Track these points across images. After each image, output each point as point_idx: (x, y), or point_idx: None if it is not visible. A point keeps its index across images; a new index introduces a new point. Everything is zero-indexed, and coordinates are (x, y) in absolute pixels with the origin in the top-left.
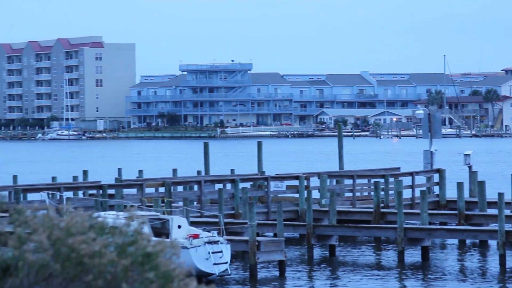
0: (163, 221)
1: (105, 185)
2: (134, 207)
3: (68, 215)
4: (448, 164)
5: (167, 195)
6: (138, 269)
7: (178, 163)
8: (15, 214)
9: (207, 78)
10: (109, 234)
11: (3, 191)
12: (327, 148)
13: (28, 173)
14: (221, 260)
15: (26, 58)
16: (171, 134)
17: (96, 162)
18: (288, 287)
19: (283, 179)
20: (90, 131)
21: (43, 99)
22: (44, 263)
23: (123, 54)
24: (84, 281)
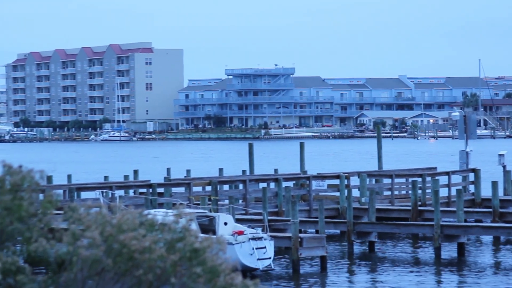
0: (210, 218)
1: (155, 184)
2: (182, 205)
3: (120, 212)
4: (483, 164)
5: (214, 194)
6: (186, 264)
7: (224, 163)
8: (70, 212)
9: (252, 81)
10: (158, 231)
11: (58, 190)
12: (367, 149)
13: (81, 172)
14: (265, 255)
15: (80, 63)
16: (217, 135)
17: (146, 162)
18: (329, 281)
19: (324, 178)
20: (140, 132)
21: (96, 102)
22: (96, 258)
23: (171, 59)
24: (135, 276)
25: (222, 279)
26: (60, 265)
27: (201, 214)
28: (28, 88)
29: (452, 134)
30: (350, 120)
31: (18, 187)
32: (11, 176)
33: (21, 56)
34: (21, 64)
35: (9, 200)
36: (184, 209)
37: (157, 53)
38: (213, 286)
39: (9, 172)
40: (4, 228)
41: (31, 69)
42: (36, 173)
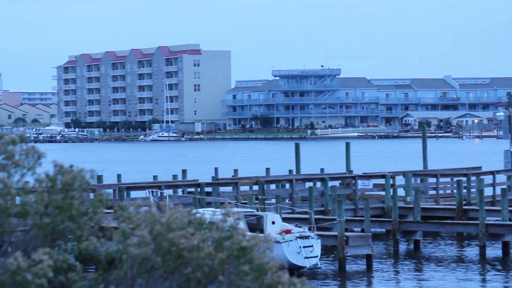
0: (258, 217)
1: (203, 183)
2: (230, 204)
3: (169, 211)
4: None
5: (261, 193)
6: (234, 262)
7: (271, 162)
8: (119, 211)
9: (298, 82)
10: (206, 229)
11: (108, 189)
12: (412, 149)
13: (131, 172)
14: (312, 254)
15: (129, 65)
16: (264, 135)
17: (194, 162)
18: (375, 279)
19: (370, 178)
20: (189, 132)
21: (145, 103)
22: (146, 256)
23: (219, 60)
24: (183, 273)
25: (269, 277)
26: (110, 263)
27: (249, 213)
28: (79, 90)
29: (497, 134)
30: (395, 120)
31: (69, 186)
32: (62, 176)
33: (72, 58)
34: (72, 66)
35: (60, 199)
36: (232, 208)
37: (205, 54)
38: (260, 284)
39: (60, 171)
40: (56, 227)
41: (81, 71)
42: (86, 172)
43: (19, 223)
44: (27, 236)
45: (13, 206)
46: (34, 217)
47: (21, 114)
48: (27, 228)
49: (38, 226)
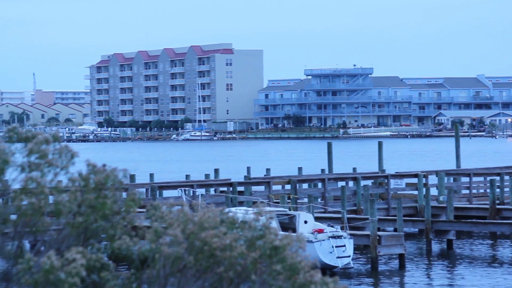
0: (290, 217)
1: (235, 182)
2: (263, 203)
3: (201, 210)
4: None
5: (293, 192)
6: (266, 262)
7: (303, 162)
8: (152, 210)
9: (331, 81)
10: (239, 229)
11: (140, 188)
12: (445, 148)
13: (163, 171)
14: (344, 253)
15: (162, 64)
16: (296, 135)
17: (226, 161)
18: (408, 279)
19: (402, 177)
20: (221, 132)
21: (177, 102)
22: (178, 255)
23: (251, 59)
24: (216, 273)
25: (302, 276)
26: (143, 262)
27: (281, 213)
28: (112, 89)
29: None
30: (428, 119)
31: (102, 185)
32: (95, 175)
33: (105, 57)
34: (105, 65)
35: (93, 198)
36: (264, 207)
37: (237, 54)
38: (293, 283)
39: (93, 171)
40: (89, 226)
41: (114, 70)
42: (119, 172)
43: (53, 222)
44: (60, 235)
45: (47, 205)
46: (67, 216)
47: (54, 114)
48: (60, 227)
49: (71, 225)
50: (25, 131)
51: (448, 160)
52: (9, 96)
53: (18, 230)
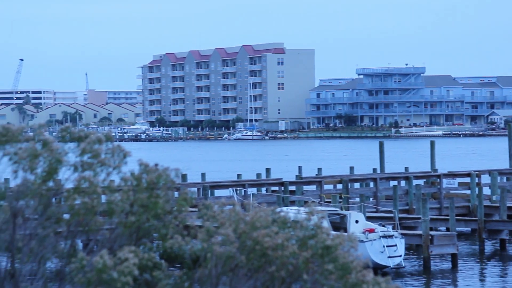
0: (341, 216)
1: (287, 182)
2: (314, 203)
3: (253, 210)
4: None
5: (345, 192)
6: (318, 261)
7: (355, 161)
8: (204, 209)
9: (382, 81)
10: (290, 228)
11: (192, 188)
12: (498, 147)
13: (215, 171)
14: (396, 253)
15: (214, 64)
16: (348, 134)
17: (278, 161)
18: (460, 279)
19: (455, 176)
20: (272, 131)
21: (229, 102)
22: (230, 254)
23: (303, 59)
24: (268, 272)
25: (354, 276)
26: (195, 261)
27: (332, 212)
28: (164, 89)
29: None
30: (481, 118)
31: (154, 185)
32: (147, 174)
33: (157, 57)
34: (157, 65)
35: (145, 198)
36: (316, 206)
37: (289, 53)
38: (345, 283)
39: (145, 170)
40: (141, 225)
41: (166, 70)
42: (171, 171)
43: (105, 221)
44: (112, 234)
45: (99, 204)
46: (120, 216)
47: (106, 113)
48: (113, 227)
49: (123, 224)
50: (78, 131)
51: (501, 159)
52: (62, 96)
53: (71, 229)
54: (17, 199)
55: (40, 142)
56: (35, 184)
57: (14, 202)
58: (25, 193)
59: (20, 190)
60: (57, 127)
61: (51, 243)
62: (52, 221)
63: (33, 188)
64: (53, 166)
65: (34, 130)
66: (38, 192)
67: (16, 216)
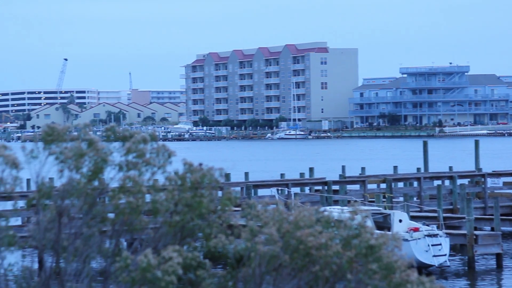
0: (385, 215)
1: (330, 181)
2: (358, 202)
3: (296, 209)
4: None
5: (388, 191)
6: (362, 261)
7: (399, 160)
8: (248, 209)
9: (426, 80)
10: (334, 228)
11: (235, 187)
12: None
13: (258, 170)
14: (440, 252)
15: (257, 63)
16: (391, 133)
17: (321, 160)
18: (505, 279)
19: (499, 176)
20: (316, 130)
21: (272, 101)
22: (274, 254)
23: (346, 58)
24: (312, 272)
25: (398, 275)
26: (238, 260)
27: (376, 211)
28: (207, 88)
29: None
30: None
31: (198, 184)
32: (191, 174)
33: (200, 56)
34: (200, 64)
35: (190, 197)
36: (359, 206)
37: (332, 52)
38: (389, 282)
39: (189, 170)
40: (185, 225)
41: (209, 70)
42: (215, 170)
43: (150, 221)
44: (157, 233)
45: (144, 204)
46: (165, 215)
47: (150, 113)
48: (157, 226)
49: (168, 224)
50: (123, 130)
51: None
52: (105, 96)
53: (116, 229)
54: (62, 198)
55: (85, 141)
56: (80, 183)
57: (60, 201)
58: (70, 192)
59: (65, 189)
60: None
61: (96, 242)
62: (97, 220)
63: (78, 188)
64: (99, 165)
65: (78, 130)
66: (84, 192)
67: (62, 215)
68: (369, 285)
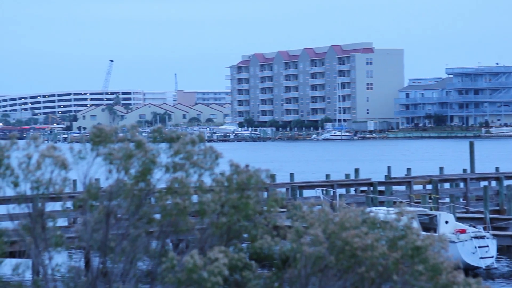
0: (430, 217)
1: (376, 182)
2: (403, 203)
3: (342, 210)
4: None
5: (434, 192)
6: (408, 262)
7: (445, 161)
8: (293, 210)
9: (473, 80)
10: (380, 229)
11: (281, 188)
12: None
13: (303, 171)
14: (487, 254)
15: (302, 64)
16: (437, 134)
17: (366, 161)
18: None
19: None
20: (361, 131)
21: (317, 102)
22: (320, 255)
23: (392, 59)
24: (357, 273)
25: (444, 277)
26: (284, 261)
27: (422, 213)
28: (252, 89)
29: None
30: None
31: (245, 186)
32: (238, 175)
33: (245, 57)
34: (245, 65)
35: (236, 199)
36: (405, 207)
37: (377, 53)
38: (435, 284)
39: (236, 171)
40: (232, 226)
41: (255, 70)
42: (262, 172)
43: (196, 222)
44: (203, 235)
45: (191, 205)
46: (211, 216)
47: (195, 114)
48: (203, 227)
49: (214, 225)
50: (170, 132)
51: None
52: (151, 97)
53: (162, 230)
54: (110, 199)
55: (133, 142)
56: (127, 184)
57: (107, 202)
58: (118, 193)
59: (113, 190)
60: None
61: (143, 243)
62: (144, 221)
63: (125, 189)
64: (147, 166)
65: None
66: (131, 193)
67: (109, 216)
68: (415, 286)
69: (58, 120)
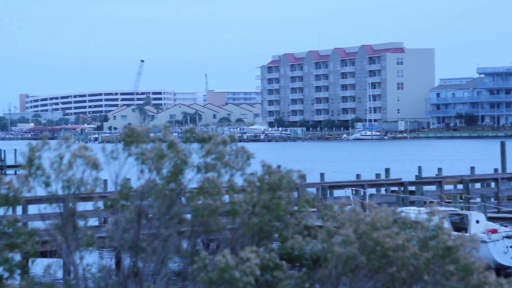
0: (461, 217)
1: (406, 182)
2: (434, 203)
3: (373, 210)
4: None
5: (465, 192)
6: (439, 262)
7: (476, 161)
8: (324, 209)
9: (504, 80)
10: (411, 229)
11: (311, 188)
12: None
13: (334, 171)
14: None
15: (332, 64)
16: (468, 134)
17: (397, 161)
18: None
19: None
20: (392, 131)
21: (348, 102)
22: (351, 255)
23: (422, 58)
24: (388, 273)
25: (476, 277)
26: (315, 261)
27: (452, 212)
28: (282, 89)
29: None
30: None
31: (276, 186)
32: (269, 176)
33: (276, 57)
34: (276, 65)
35: (268, 199)
36: (436, 207)
37: (408, 52)
38: (467, 284)
39: (268, 171)
40: (263, 226)
41: (285, 70)
42: (294, 172)
43: (227, 222)
44: (235, 235)
45: (222, 205)
46: (243, 217)
47: (225, 114)
48: (234, 227)
49: (246, 225)
50: (202, 132)
51: None
52: (182, 97)
53: (194, 230)
54: (141, 199)
55: (164, 142)
56: (158, 184)
57: (138, 202)
58: (149, 193)
59: (144, 190)
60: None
61: (174, 243)
62: (175, 221)
63: (157, 189)
64: (179, 167)
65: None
66: (162, 193)
67: (140, 216)
68: (446, 287)
69: (89, 120)
